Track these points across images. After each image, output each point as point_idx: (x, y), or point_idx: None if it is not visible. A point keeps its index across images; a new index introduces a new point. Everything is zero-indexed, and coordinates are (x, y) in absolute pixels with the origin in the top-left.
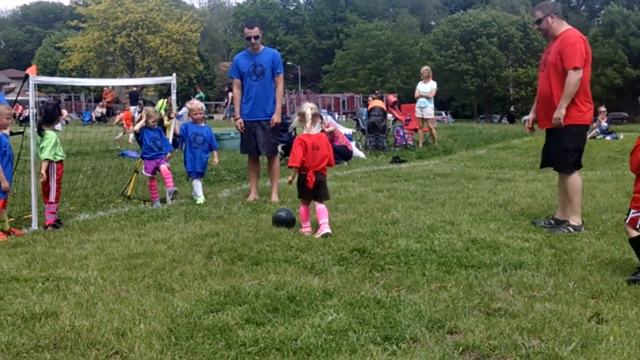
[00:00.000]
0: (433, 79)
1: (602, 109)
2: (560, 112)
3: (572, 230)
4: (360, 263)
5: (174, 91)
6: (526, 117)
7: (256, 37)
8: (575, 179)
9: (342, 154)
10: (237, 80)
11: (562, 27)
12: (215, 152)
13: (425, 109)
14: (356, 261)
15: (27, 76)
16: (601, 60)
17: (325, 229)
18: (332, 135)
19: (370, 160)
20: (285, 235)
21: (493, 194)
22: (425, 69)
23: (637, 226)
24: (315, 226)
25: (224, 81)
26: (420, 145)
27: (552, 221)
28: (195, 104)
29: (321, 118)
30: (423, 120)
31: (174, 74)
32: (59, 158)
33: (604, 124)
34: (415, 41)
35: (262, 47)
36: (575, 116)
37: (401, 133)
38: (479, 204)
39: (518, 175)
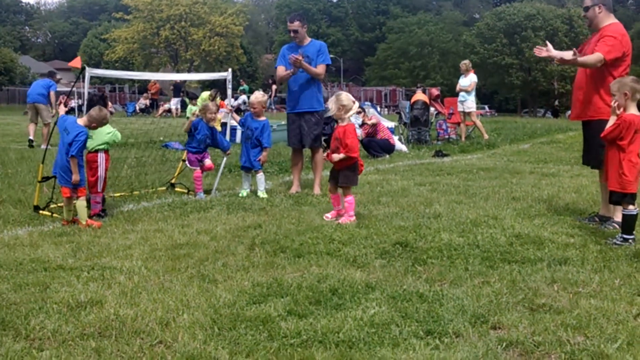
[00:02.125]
0: (475, 73)
1: None
2: (562, 59)
3: (618, 227)
4: (403, 257)
5: (229, 86)
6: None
7: (295, 32)
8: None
9: (385, 147)
10: (281, 66)
11: (608, 20)
12: (264, 150)
13: (466, 102)
14: (398, 255)
15: (84, 68)
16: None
17: (347, 218)
18: (374, 129)
19: (412, 153)
20: (327, 228)
21: (537, 188)
22: (464, 62)
23: None
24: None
25: (267, 73)
26: (463, 139)
27: (597, 218)
28: (256, 96)
29: (364, 110)
30: (464, 114)
31: (230, 69)
32: (105, 147)
33: None
34: (458, 35)
35: (308, 39)
36: (608, 111)
37: (444, 127)
38: (522, 199)
39: (562, 170)
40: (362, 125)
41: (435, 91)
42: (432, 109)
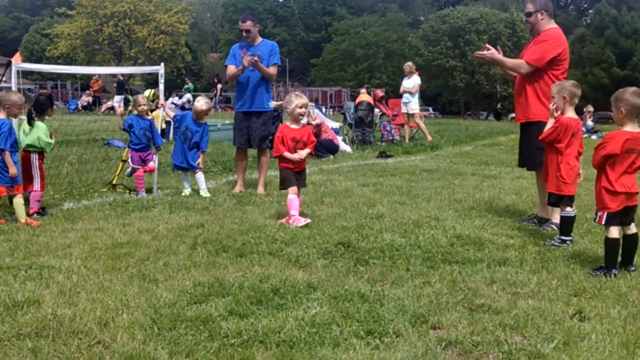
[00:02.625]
0: (419, 75)
1: (589, 108)
2: (492, 56)
3: (556, 228)
4: (345, 257)
5: (161, 81)
6: (513, 115)
7: (247, 31)
8: None
9: (328, 148)
10: (231, 65)
11: (548, 25)
12: (202, 154)
13: (409, 104)
14: (341, 255)
15: (9, 63)
16: (589, 59)
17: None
18: (318, 129)
19: (356, 154)
20: (270, 227)
21: (479, 190)
22: (407, 64)
23: (603, 222)
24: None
25: (212, 72)
26: (407, 140)
27: (535, 220)
28: (201, 105)
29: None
30: (408, 115)
31: (162, 64)
32: (38, 149)
33: (590, 123)
34: (403, 37)
35: (259, 38)
36: (545, 114)
37: (388, 128)
38: (464, 200)
39: (504, 172)
40: (308, 124)
41: (380, 92)
42: (376, 110)
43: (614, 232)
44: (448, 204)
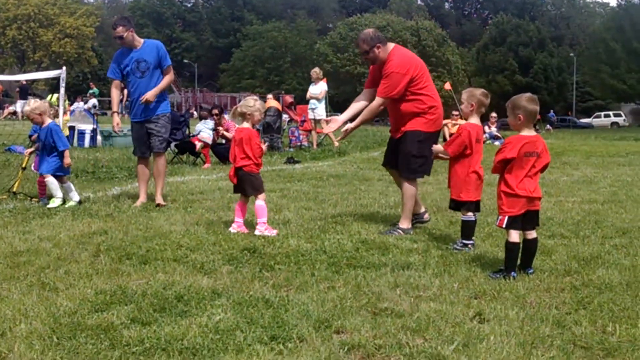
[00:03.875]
0: (327, 81)
1: (493, 114)
2: (347, 131)
3: (402, 232)
4: (251, 263)
5: (62, 85)
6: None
7: (120, 38)
8: (412, 185)
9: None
10: (116, 81)
11: (387, 50)
12: (64, 153)
13: (316, 109)
14: (246, 261)
15: None
16: (492, 67)
17: (258, 229)
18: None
19: (264, 160)
20: (175, 234)
21: (384, 195)
22: (314, 70)
23: (504, 225)
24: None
25: None
26: (315, 146)
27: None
28: (30, 105)
29: (216, 115)
30: (315, 121)
31: (64, 67)
32: None
33: (493, 129)
34: (312, 43)
35: (140, 40)
36: (420, 122)
37: (296, 134)
38: (370, 206)
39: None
40: (215, 130)
41: (289, 98)
42: (285, 116)
43: (514, 235)
44: (354, 209)
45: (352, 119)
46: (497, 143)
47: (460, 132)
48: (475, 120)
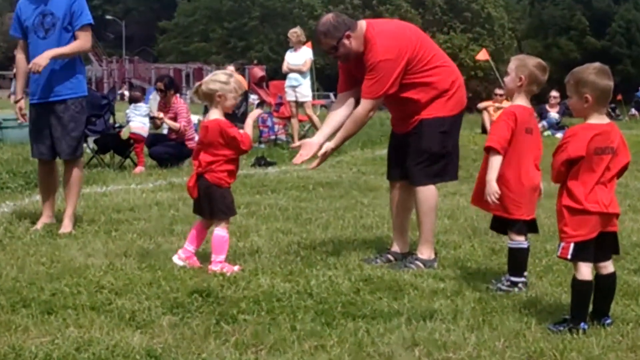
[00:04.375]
0: (314, 47)
1: (554, 93)
2: (325, 153)
3: (422, 266)
4: (203, 311)
5: None
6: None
7: None
8: (431, 193)
9: (178, 152)
10: (21, 40)
11: (361, 36)
12: None
13: (299, 88)
14: (197, 308)
15: None
16: (553, 25)
17: (214, 266)
18: (162, 122)
19: None
20: (93, 270)
21: None
22: (294, 31)
23: (569, 256)
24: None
25: (10, 41)
26: (296, 141)
27: (390, 257)
28: None
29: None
30: (297, 104)
31: None
32: None
33: (554, 115)
34: None
35: None
36: (439, 106)
37: (269, 123)
38: (376, 227)
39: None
40: (152, 118)
41: (258, 72)
42: (252, 97)
43: (585, 270)
44: (353, 232)
45: (332, 136)
46: (559, 134)
47: (503, 114)
48: (523, 101)
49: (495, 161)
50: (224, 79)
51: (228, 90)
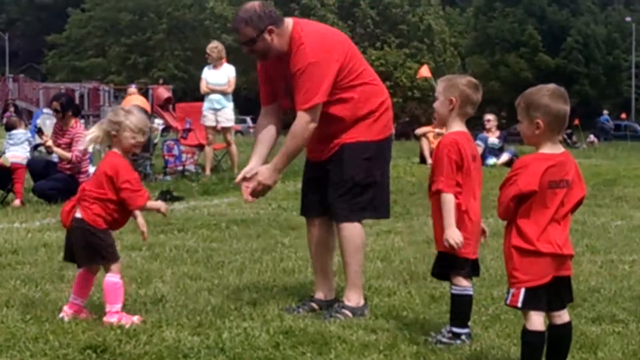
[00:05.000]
0: (233, 62)
1: (489, 117)
2: (264, 182)
3: (350, 314)
4: None
5: None
6: None
7: None
8: (357, 230)
9: (66, 187)
10: None
11: (286, 34)
12: None
13: (222, 111)
14: None
15: None
16: (501, 40)
17: (109, 317)
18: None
19: None
20: None
21: None
22: (214, 46)
23: (519, 304)
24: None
25: None
26: (208, 171)
27: (314, 305)
28: None
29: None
30: (216, 130)
31: None
32: None
33: (493, 140)
34: (201, 1)
35: None
36: (363, 128)
37: (175, 151)
38: (298, 271)
39: (364, 223)
40: (36, 146)
41: (164, 92)
42: (157, 122)
43: (537, 320)
44: (272, 277)
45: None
46: (494, 160)
47: (443, 147)
48: (459, 126)
49: (449, 203)
50: (120, 116)
51: (122, 127)
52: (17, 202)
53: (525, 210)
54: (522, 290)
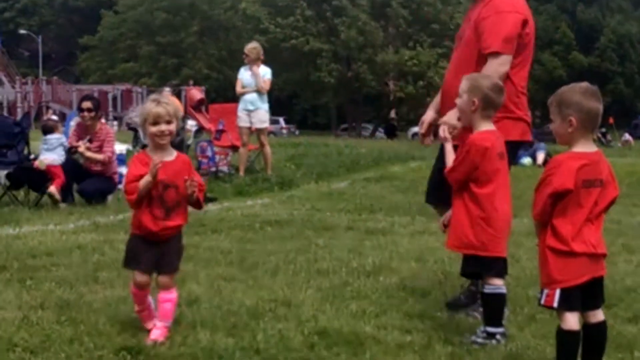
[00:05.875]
0: (266, 64)
1: None
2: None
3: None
4: None
5: None
6: (415, 129)
7: None
8: None
9: (101, 187)
10: None
11: None
12: None
13: (257, 112)
14: None
15: None
16: (535, 38)
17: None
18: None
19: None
20: (5, 324)
21: (357, 254)
22: (252, 47)
23: (555, 304)
24: None
25: None
26: (242, 172)
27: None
28: None
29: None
30: (250, 131)
31: None
32: None
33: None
34: (234, 1)
35: None
36: (506, 127)
37: (209, 152)
38: (333, 272)
39: (398, 223)
40: (72, 150)
41: (197, 93)
42: (190, 123)
43: (572, 319)
44: (307, 278)
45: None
46: (529, 159)
47: (467, 149)
48: (485, 126)
49: (448, 147)
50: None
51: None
52: (52, 188)
53: (560, 210)
54: (557, 291)
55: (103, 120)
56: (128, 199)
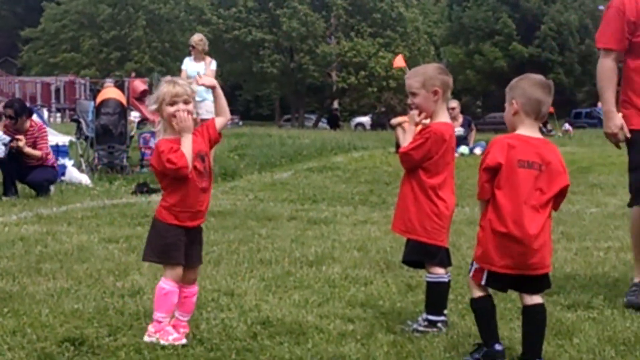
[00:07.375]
0: (209, 55)
1: (452, 104)
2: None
3: None
4: None
5: None
6: (358, 119)
7: None
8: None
9: (43, 177)
10: None
11: None
12: None
13: (203, 103)
14: None
15: None
16: (475, 30)
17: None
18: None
19: (99, 188)
20: None
21: (300, 244)
22: (198, 38)
23: (483, 282)
24: None
25: None
26: None
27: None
28: None
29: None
30: (196, 122)
31: None
32: None
33: (459, 129)
34: None
35: None
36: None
37: (152, 144)
38: (276, 262)
39: (341, 213)
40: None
41: (140, 85)
42: (133, 115)
43: (478, 291)
44: (249, 268)
45: None
46: (477, 151)
47: (428, 136)
48: (444, 117)
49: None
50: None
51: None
52: None
53: (498, 189)
54: (486, 271)
55: (34, 117)
56: (181, 169)
